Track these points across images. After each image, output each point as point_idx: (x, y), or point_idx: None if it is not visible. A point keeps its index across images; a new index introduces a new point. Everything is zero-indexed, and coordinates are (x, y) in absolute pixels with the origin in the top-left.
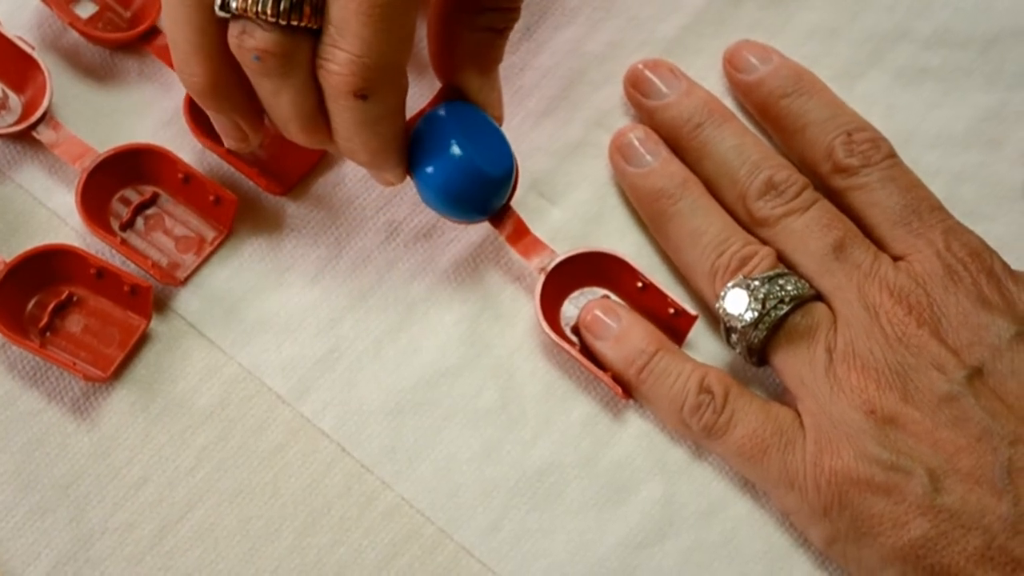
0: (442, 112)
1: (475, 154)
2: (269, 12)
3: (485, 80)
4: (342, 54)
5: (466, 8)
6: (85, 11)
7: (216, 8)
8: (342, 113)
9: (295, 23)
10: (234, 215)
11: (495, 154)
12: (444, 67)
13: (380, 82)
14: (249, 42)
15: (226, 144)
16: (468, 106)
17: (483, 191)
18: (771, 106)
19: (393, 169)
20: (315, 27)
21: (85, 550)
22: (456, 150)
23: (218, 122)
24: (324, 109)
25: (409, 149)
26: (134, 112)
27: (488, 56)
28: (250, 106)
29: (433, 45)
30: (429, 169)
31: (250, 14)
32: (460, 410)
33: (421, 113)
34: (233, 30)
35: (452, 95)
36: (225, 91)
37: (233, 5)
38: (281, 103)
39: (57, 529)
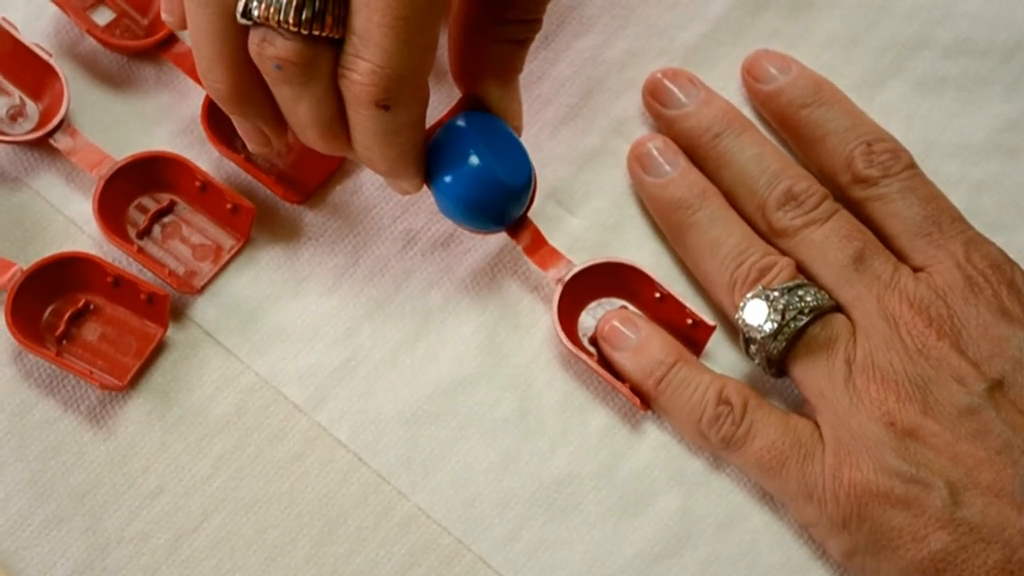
0: (461, 122)
1: (494, 164)
2: (291, 21)
3: (506, 91)
4: (364, 64)
5: (488, 19)
6: (102, 18)
7: (238, 15)
8: (363, 122)
9: (316, 33)
10: (251, 223)
11: (513, 164)
12: (465, 77)
13: (402, 93)
14: (270, 51)
15: (250, 148)
16: (487, 116)
17: (501, 201)
18: (790, 116)
19: (411, 179)
20: (337, 37)
21: (101, 559)
22: (474, 160)
23: (241, 127)
24: (344, 117)
25: (427, 159)
26: (151, 120)
27: (509, 67)
28: (273, 112)
29: (454, 56)
30: (447, 179)
31: (272, 22)
32: (477, 420)
33: (440, 123)
34: (254, 38)
35: (472, 105)
36: (248, 97)
37: (255, 13)
38: (301, 111)
39: (73, 538)
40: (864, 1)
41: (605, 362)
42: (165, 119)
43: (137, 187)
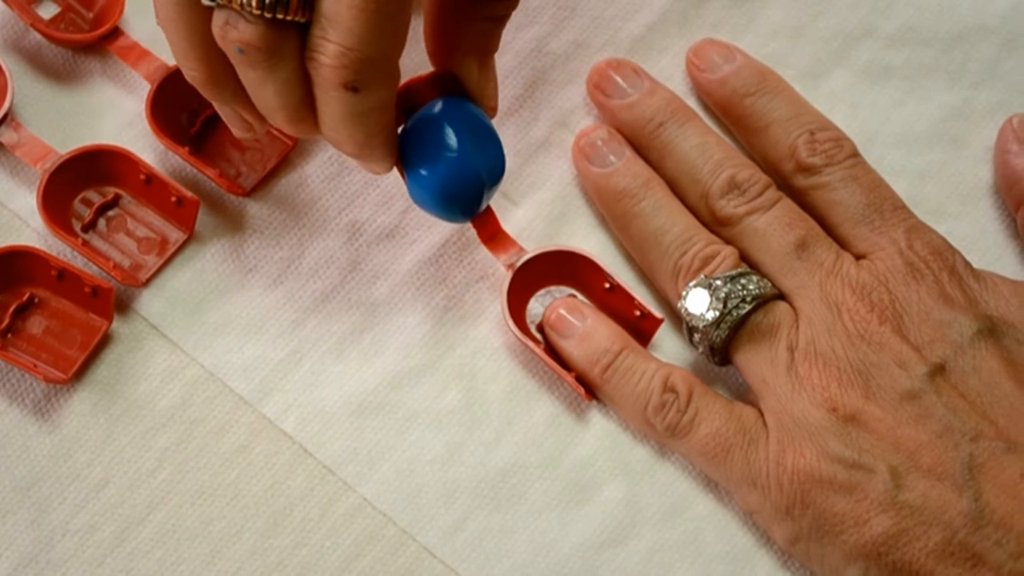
0: (440, 110)
1: (474, 159)
2: (253, 4)
3: (484, 69)
4: (333, 47)
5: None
6: (47, 12)
7: None
8: (331, 104)
9: (280, 16)
10: (196, 216)
11: (490, 156)
12: (441, 56)
13: (372, 75)
14: (232, 34)
15: (235, 134)
16: (464, 103)
17: (478, 195)
18: (734, 105)
19: (381, 161)
20: (303, 20)
21: (46, 552)
22: (455, 155)
23: (222, 112)
24: (312, 99)
25: (404, 146)
26: (96, 113)
27: (487, 45)
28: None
29: (430, 34)
30: (424, 172)
31: (234, 5)
32: (423, 411)
33: (410, 88)
34: (217, 20)
35: (447, 80)
36: (224, 82)
37: None
38: (267, 94)
39: (18, 531)
40: None
41: (552, 351)
42: (110, 112)
43: (82, 181)
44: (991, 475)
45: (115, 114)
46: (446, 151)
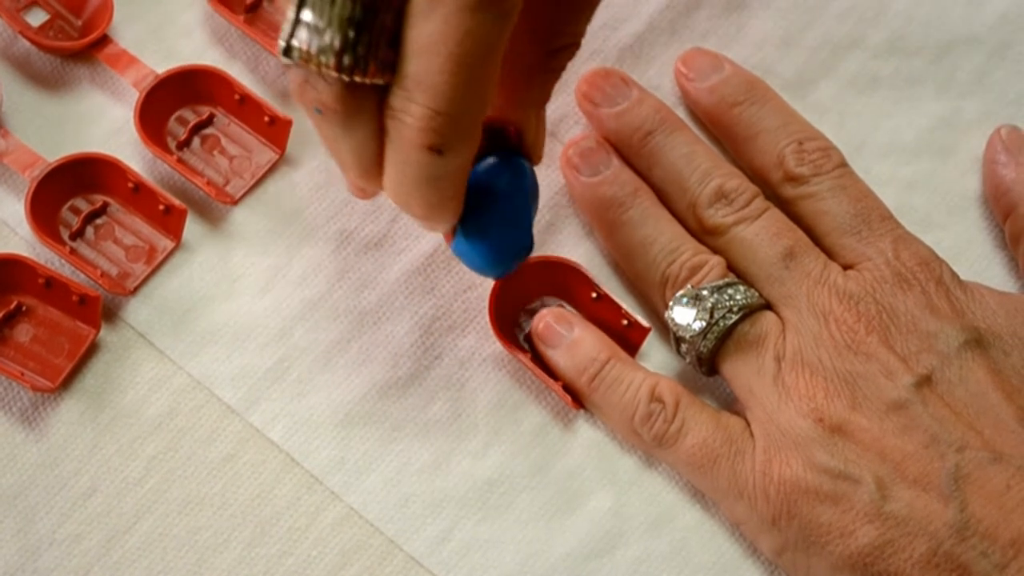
0: (503, 175)
1: (530, 227)
2: (332, 65)
3: (540, 119)
4: (419, 109)
5: (537, 50)
6: (36, 19)
7: (278, 54)
8: (410, 166)
9: (359, 79)
10: (184, 224)
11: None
12: (505, 107)
13: (459, 137)
14: (311, 94)
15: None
16: (520, 162)
17: (523, 259)
18: (722, 114)
19: (446, 223)
20: (382, 83)
21: (32, 561)
22: (518, 230)
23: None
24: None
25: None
26: (84, 121)
27: (547, 96)
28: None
29: (498, 85)
30: (484, 240)
31: (312, 65)
32: (410, 421)
33: None
34: (295, 77)
35: (496, 129)
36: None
37: (295, 55)
38: (342, 151)
39: (4, 540)
40: (797, 1)
41: (540, 361)
42: (98, 120)
43: (70, 188)
44: (977, 486)
45: (103, 122)
46: (510, 226)
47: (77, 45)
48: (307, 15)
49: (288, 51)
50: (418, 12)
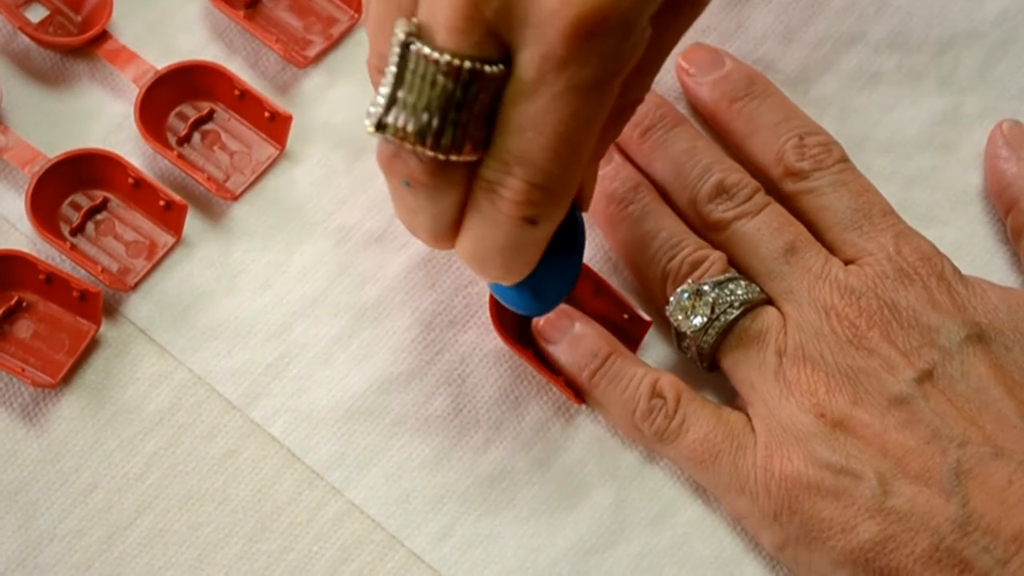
0: (560, 231)
1: (575, 277)
2: (428, 145)
3: (594, 171)
4: (518, 183)
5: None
6: (35, 15)
7: (369, 127)
8: (499, 235)
9: (454, 158)
10: (184, 220)
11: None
12: None
13: (554, 208)
14: (400, 168)
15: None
16: (575, 216)
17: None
18: (723, 110)
19: (516, 279)
20: (474, 159)
21: (33, 557)
22: (564, 283)
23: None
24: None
25: None
26: (84, 116)
27: (606, 148)
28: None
29: None
30: (535, 290)
31: (407, 144)
32: (411, 416)
33: None
34: (384, 149)
35: None
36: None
37: (388, 132)
38: (420, 218)
39: (5, 536)
40: None
41: (541, 356)
42: (98, 116)
43: (70, 184)
44: (978, 481)
45: (103, 117)
46: (561, 278)
47: (77, 41)
48: (404, 94)
49: (381, 128)
50: (522, 91)
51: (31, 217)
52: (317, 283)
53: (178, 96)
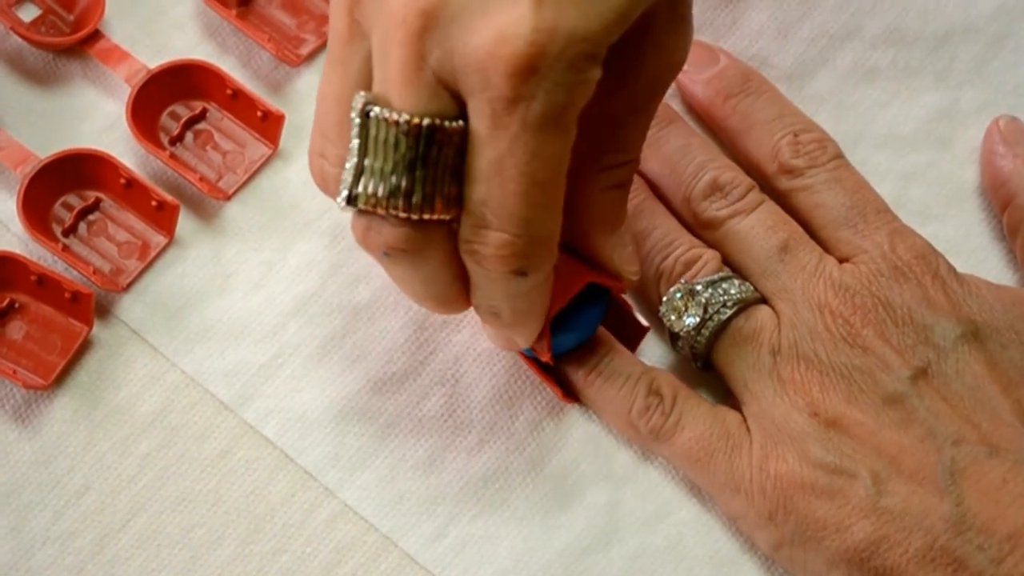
0: (579, 311)
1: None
2: (401, 206)
3: (617, 239)
4: (497, 235)
5: (588, 168)
6: (28, 15)
7: (339, 204)
8: (496, 290)
9: (427, 217)
10: (177, 220)
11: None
12: (570, 232)
13: (540, 256)
14: (377, 239)
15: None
16: (601, 297)
17: None
18: (718, 106)
19: (531, 332)
20: (446, 219)
21: (26, 559)
22: (581, 338)
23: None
24: (461, 280)
25: None
26: (77, 117)
27: (616, 214)
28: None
29: None
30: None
31: (379, 210)
32: (405, 416)
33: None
34: (357, 225)
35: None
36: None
37: (360, 201)
38: (415, 287)
39: None
40: None
41: (533, 355)
42: (90, 116)
43: (62, 185)
44: (973, 479)
45: (96, 117)
46: (578, 340)
47: (69, 41)
48: (370, 161)
49: (352, 200)
50: (481, 139)
51: (23, 218)
52: (310, 283)
53: (170, 95)
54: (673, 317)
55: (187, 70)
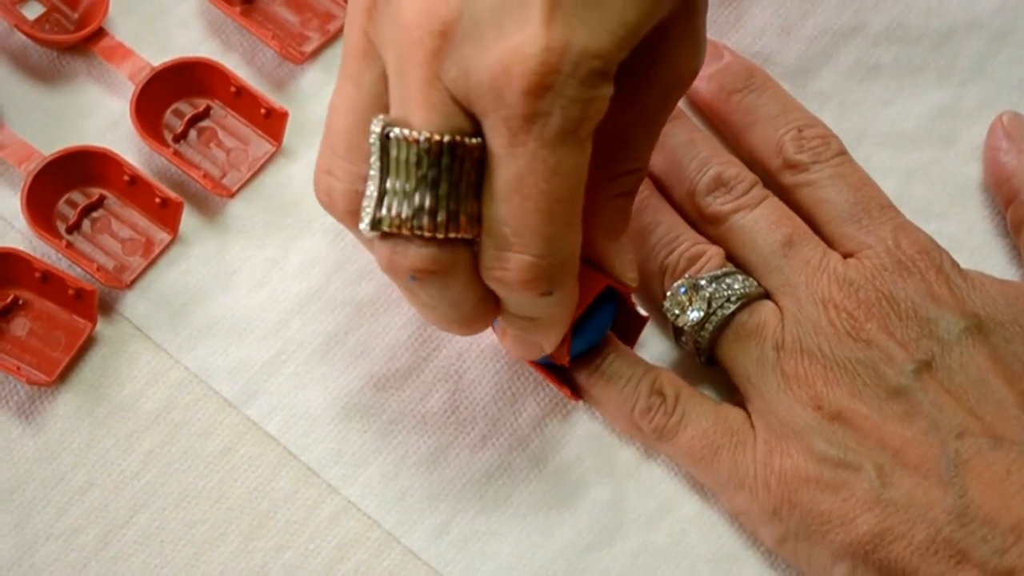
0: (588, 319)
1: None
2: (426, 225)
3: (620, 247)
4: (521, 258)
5: (598, 177)
6: (32, 12)
7: (363, 229)
8: (522, 309)
9: (452, 235)
10: (180, 217)
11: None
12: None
13: (563, 275)
14: (402, 262)
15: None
16: (610, 305)
17: None
18: (721, 102)
19: (557, 340)
20: (470, 237)
21: (29, 556)
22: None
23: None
24: (485, 301)
25: None
26: (80, 114)
27: (621, 221)
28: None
29: None
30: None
31: (404, 231)
32: (408, 413)
33: None
34: (382, 250)
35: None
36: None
37: (384, 226)
38: (442, 310)
39: (1, 535)
40: None
41: None
42: (94, 113)
43: (66, 182)
44: (976, 471)
45: (99, 115)
46: (585, 346)
47: (73, 38)
48: (392, 182)
49: (376, 223)
50: (499, 159)
51: (27, 215)
52: (314, 280)
53: (174, 93)
54: (677, 312)
55: (191, 67)
